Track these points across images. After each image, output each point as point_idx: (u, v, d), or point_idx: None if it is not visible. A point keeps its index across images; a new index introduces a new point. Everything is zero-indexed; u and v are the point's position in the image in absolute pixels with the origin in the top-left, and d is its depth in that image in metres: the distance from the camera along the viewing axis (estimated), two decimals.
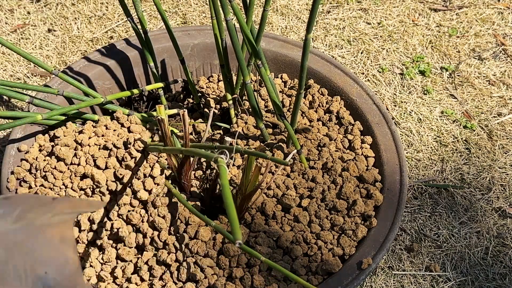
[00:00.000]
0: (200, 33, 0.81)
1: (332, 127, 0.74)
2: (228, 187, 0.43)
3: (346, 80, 0.76)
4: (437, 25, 1.19)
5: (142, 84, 0.81)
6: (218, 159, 0.46)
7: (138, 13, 0.69)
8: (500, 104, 1.04)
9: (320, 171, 0.68)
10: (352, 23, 1.18)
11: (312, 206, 0.64)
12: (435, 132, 1.00)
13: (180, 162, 0.63)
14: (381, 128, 0.72)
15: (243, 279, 0.59)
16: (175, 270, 0.60)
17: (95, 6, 1.20)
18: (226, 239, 0.61)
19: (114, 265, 0.62)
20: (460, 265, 0.83)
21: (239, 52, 0.63)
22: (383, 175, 0.68)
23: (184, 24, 1.12)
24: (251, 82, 0.76)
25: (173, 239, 0.62)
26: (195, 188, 0.67)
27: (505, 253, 0.85)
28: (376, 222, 0.64)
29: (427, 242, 0.86)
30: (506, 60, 1.12)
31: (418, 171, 0.94)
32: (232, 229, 0.38)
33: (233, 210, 0.40)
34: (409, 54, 1.12)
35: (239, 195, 0.61)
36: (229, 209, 0.40)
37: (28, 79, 1.07)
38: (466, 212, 0.89)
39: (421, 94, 1.06)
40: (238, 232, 0.38)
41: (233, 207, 0.40)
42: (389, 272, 0.83)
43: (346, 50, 1.13)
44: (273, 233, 0.62)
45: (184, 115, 0.60)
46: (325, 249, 0.62)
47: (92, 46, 1.13)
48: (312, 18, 0.54)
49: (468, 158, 0.96)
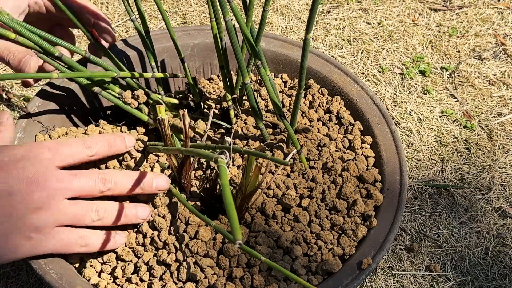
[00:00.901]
0: (200, 33, 0.81)
1: (332, 127, 0.74)
2: (228, 187, 0.43)
3: (346, 80, 0.76)
4: (437, 25, 1.19)
5: (142, 84, 0.81)
6: (218, 159, 0.46)
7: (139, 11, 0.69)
8: (500, 104, 1.04)
9: (320, 171, 0.68)
10: (352, 23, 1.18)
11: (312, 206, 0.64)
12: (435, 132, 1.00)
13: (180, 162, 0.63)
14: (381, 128, 0.72)
15: (243, 279, 0.59)
16: (175, 270, 0.60)
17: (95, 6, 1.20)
18: (226, 239, 0.61)
19: (114, 265, 0.62)
20: (460, 265, 0.83)
21: (239, 53, 0.63)
22: (383, 175, 0.68)
23: (184, 24, 1.12)
24: (251, 82, 0.76)
25: (173, 239, 0.62)
26: (195, 188, 0.67)
27: (505, 253, 0.85)
28: (376, 222, 0.64)
29: (427, 242, 0.86)
30: (506, 60, 1.12)
31: (418, 171, 0.94)
32: (232, 229, 0.38)
33: (233, 210, 0.40)
34: (409, 54, 1.12)
35: (239, 195, 0.61)
36: (229, 209, 0.40)
37: None
38: (466, 212, 0.89)
39: (421, 94, 1.06)
40: (238, 232, 0.38)
41: (233, 207, 0.40)
42: (389, 272, 0.83)
43: (346, 50, 1.13)
44: (273, 233, 0.62)
45: (184, 115, 0.60)
46: (325, 249, 0.62)
47: None
48: (312, 18, 0.54)
49: (468, 158, 0.96)
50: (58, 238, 0.55)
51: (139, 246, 0.62)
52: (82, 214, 0.56)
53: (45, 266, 0.58)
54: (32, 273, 0.80)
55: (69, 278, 0.58)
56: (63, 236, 0.56)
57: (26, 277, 0.80)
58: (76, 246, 0.57)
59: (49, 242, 0.55)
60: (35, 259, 0.57)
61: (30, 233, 0.54)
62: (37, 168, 0.54)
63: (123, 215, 0.59)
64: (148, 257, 0.61)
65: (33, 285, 0.79)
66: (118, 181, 0.59)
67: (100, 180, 0.58)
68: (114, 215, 0.59)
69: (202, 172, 0.68)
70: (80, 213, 0.56)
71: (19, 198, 0.53)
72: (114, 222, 0.59)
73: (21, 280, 0.80)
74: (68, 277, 0.58)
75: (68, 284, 0.57)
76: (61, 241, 0.56)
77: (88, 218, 0.57)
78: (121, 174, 0.60)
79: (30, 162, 0.55)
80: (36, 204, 0.53)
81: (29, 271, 0.81)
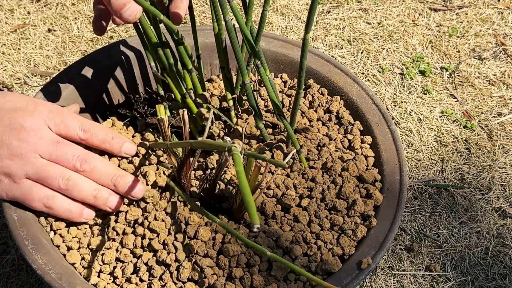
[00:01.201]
0: (200, 33, 0.81)
1: (332, 127, 0.74)
2: (243, 173, 0.44)
3: (346, 80, 0.76)
4: (437, 25, 1.19)
5: (142, 85, 0.81)
6: (231, 147, 0.47)
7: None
8: (500, 104, 1.04)
9: (320, 171, 0.68)
10: (352, 23, 1.18)
11: (311, 206, 0.64)
12: (435, 132, 1.00)
13: (180, 163, 0.63)
14: (381, 128, 0.72)
15: (243, 279, 0.59)
16: (174, 270, 0.60)
17: None
18: (226, 239, 0.61)
19: (114, 266, 0.62)
20: (460, 265, 0.83)
21: (238, 53, 0.63)
22: (383, 175, 0.68)
23: (184, 24, 1.12)
24: (251, 82, 0.76)
25: (172, 239, 0.62)
26: (195, 188, 0.67)
27: (505, 253, 0.85)
28: (376, 222, 0.64)
29: (427, 242, 0.86)
30: (506, 60, 1.12)
31: (418, 171, 0.94)
32: (250, 214, 0.39)
33: (249, 195, 0.41)
34: (409, 54, 1.12)
35: (239, 195, 0.61)
36: (245, 194, 0.41)
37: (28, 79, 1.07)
38: (466, 212, 0.89)
39: (421, 94, 1.06)
40: (255, 216, 0.39)
41: (249, 192, 0.41)
42: (389, 272, 0.83)
43: (346, 50, 1.13)
44: (272, 233, 0.62)
45: (184, 115, 0.60)
46: (324, 249, 0.62)
47: (92, 46, 1.13)
48: (311, 18, 0.54)
49: (468, 158, 0.96)
50: (25, 190, 0.59)
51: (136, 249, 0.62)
52: (52, 177, 0.59)
53: (45, 266, 0.58)
54: (32, 273, 0.80)
55: (69, 278, 0.58)
56: (29, 190, 0.59)
57: (26, 277, 0.80)
58: (40, 204, 0.60)
59: (15, 190, 0.59)
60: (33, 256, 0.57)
61: (1, 175, 0.59)
62: (29, 122, 0.58)
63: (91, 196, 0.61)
64: (147, 257, 0.61)
65: (33, 285, 0.79)
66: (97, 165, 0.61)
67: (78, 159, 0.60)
68: (81, 191, 0.60)
69: (202, 172, 0.68)
70: (51, 175, 0.59)
71: (3, 144, 0.58)
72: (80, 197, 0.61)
73: (21, 280, 0.80)
74: (68, 277, 0.58)
75: (68, 284, 0.57)
76: (27, 194, 0.59)
77: (56, 183, 0.59)
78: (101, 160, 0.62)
79: (26, 114, 0.59)
80: (14, 151, 0.58)
81: (29, 271, 0.81)
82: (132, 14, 0.57)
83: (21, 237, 0.60)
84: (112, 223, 0.63)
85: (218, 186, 0.66)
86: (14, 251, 0.82)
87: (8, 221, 0.61)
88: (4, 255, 0.82)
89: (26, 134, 0.58)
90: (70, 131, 0.61)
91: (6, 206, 0.62)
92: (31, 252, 0.59)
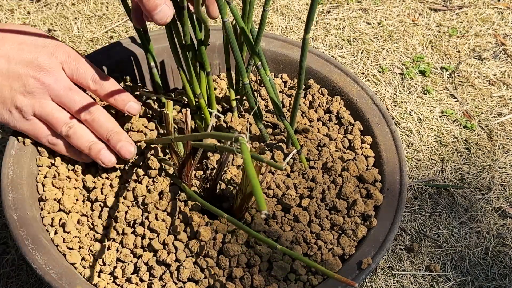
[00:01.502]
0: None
1: (332, 127, 0.74)
2: (251, 162, 0.44)
3: (346, 80, 0.76)
4: (437, 25, 1.19)
5: (142, 85, 0.81)
6: (238, 138, 0.49)
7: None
8: (500, 104, 1.04)
9: (320, 171, 0.68)
10: (352, 23, 1.18)
11: (312, 206, 0.64)
12: (435, 132, 1.00)
13: (181, 162, 0.64)
14: (381, 128, 0.72)
15: (243, 279, 0.59)
16: (175, 270, 0.60)
17: (95, 6, 1.20)
18: (226, 239, 0.61)
19: (114, 265, 0.62)
20: (460, 265, 0.83)
21: (237, 54, 0.63)
22: (383, 175, 0.68)
23: None
24: (251, 82, 0.76)
25: (172, 238, 0.62)
26: (195, 188, 0.67)
27: (505, 253, 0.85)
28: (376, 222, 0.64)
29: (427, 242, 0.86)
30: (506, 60, 1.12)
31: (418, 171, 0.94)
32: (258, 201, 0.40)
33: (257, 182, 0.41)
34: (409, 54, 1.12)
35: (239, 195, 0.61)
36: (253, 182, 0.41)
37: None
38: (466, 212, 0.89)
39: (421, 94, 1.06)
40: (263, 203, 0.39)
41: (256, 180, 0.42)
42: (389, 272, 0.83)
43: (346, 50, 1.13)
44: (273, 233, 0.62)
45: (187, 115, 0.60)
46: (325, 249, 0.62)
47: (92, 46, 1.13)
48: (310, 18, 0.54)
49: (468, 158, 0.96)
50: (32, 125, 0.64)
51: (136, 249, 0.62)
52: (57, 123, 0.63)
53: (45, 266, 0.58)
54: (32, 273, 0.80)
55: (69, 278, 0.58)
56: (36, 126, 0.64)
57: (26, 277, 0.80)
58: (45, 140, 0.65)
59: (23, 124, 0.64)
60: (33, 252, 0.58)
61: (12, 108, 0.63)
62: (48, 62, 0.62)
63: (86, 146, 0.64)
64: (147, 257, 0.61)
65: (33, 285, 0.79)
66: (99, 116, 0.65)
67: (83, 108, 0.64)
68: (78, 139, 0.64)
69: (202, 172, 0.68)
70: (57, 121, 0.63)
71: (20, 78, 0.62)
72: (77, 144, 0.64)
73: (21, 280, 0.80)
74: (68, 277, 0.58)
75: (68, 284, 0.57)
76: (34, 129, 0.64)
77: (59, 129, 0.64)
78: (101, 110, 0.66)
79: (47, 54, 0.62)
80: (28, 88, 0.62)
81: (29, 271, 0.81)
82: (164, 17, 0.57)
83: (21, 237, 0.60)
84: (112, 223, 0.64)
85: (218, 186, 0.66)
86: (14, 251, 0.82)
87: (8, 221, 0.61)
88: (4, 255, 0.82)
89: (42, 74, 0.62)
90: (82, 79, 0.65)
91: (6, 206, 0.62)
92: (31, 252, 0.59)
